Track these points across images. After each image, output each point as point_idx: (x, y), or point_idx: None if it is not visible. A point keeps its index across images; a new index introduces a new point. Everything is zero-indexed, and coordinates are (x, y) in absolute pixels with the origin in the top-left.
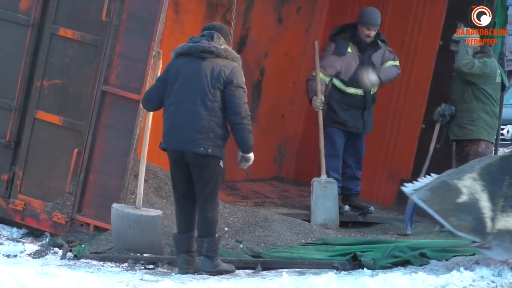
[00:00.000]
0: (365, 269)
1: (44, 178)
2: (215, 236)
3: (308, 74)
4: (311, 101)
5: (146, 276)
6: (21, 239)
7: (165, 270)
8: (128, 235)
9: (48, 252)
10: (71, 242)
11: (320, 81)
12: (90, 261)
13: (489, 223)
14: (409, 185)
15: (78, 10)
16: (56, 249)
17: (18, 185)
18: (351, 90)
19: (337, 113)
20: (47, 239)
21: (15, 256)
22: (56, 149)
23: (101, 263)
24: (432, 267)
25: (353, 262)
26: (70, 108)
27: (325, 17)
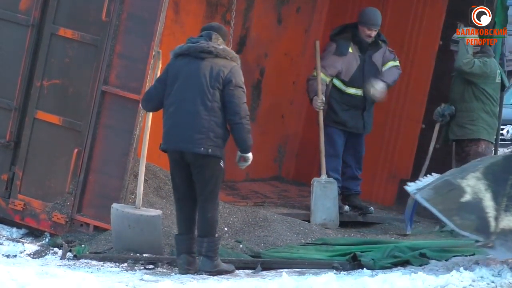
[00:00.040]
0: (364, 269)
1: (44, 178)
2: (215, 236)
3: (309, 74)
4: (311, 101)
5: (146, 276)
6: (20, 239)
7: (164, 270)
8: (128, 235)
9: (48, 252)
10: (70, 242)
11: (321, 81)
12: (89, 261)
13: (493, 223)
14: (412, 184)
15: (78, 10)
16: (56, 249)
17: (18, 185)
18: (351, 91)
19: (337, 113)
20: (46, 239)
21: (15, 256)
22: (56, 149)
23: (101, 263)
24: (432, 267)
25: (353, 262)
26: (70, 108)
27: (325, 17)
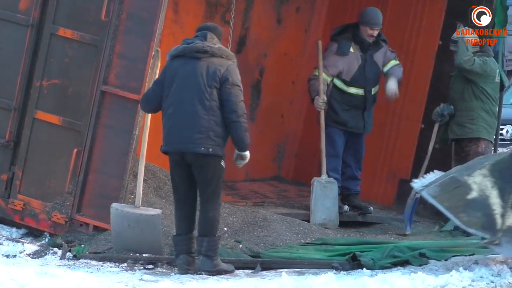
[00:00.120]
0: (364, 269)
1: (43, 178)
2: (215, 235)
3: (309, 74)
4: (313, 101)
5: (146, 276)
6: (20, 239)
7: (164, 270)
8: (128, 234)
9: (48, 252)
10: (70, 242)
11: (323, 80)
12: (89, 261)
13: (499, 220)
14: (417, 181)
15: (77, 10)
16: (56, 249)
17: (18, 185)
18: (352, 90)
19: (338, 113)
20: (46, 239)
21: (15, 256)
22: (55, 149)
23: (101, 263)
24: (431, 267)
25: (353, 262)
26: (69, 108)
27: (324, 17)
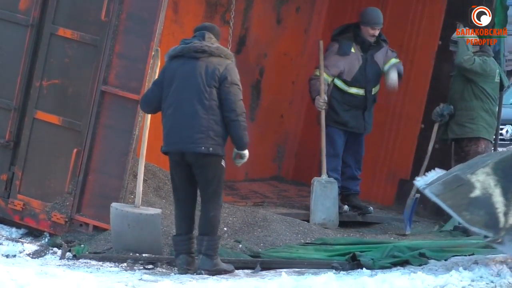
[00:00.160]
0: (364, 269)
1: (43, 178)
2: (215, 235)
3: (309, 74)
4: (314, 101)
5: (145, 276)
6: (20, 239)
7: (164, 270)
8: (127, 234)
9: (47, 252)
10: (70, 242)
11: (324, 80)
12: (89, 261)
13: (502, 218)
14: (420, 179)
15: (77, 10)
16: (55, 249)
17: (17, 185)
18: (353, 90)
19: (339, 113)
20: (46, 239)
21: (14, 256)
22: (55, 149)
23: (100, 263)
24: (431, 267)
25: (352, 262)
26: (69, 108)
27: (324, 17)
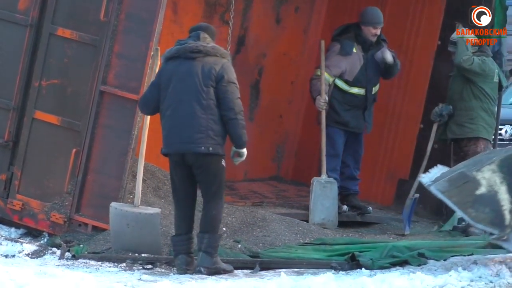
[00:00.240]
0: (363, 269)
1: (42, 178)
2: (216, 233)
3: (309, 74)
4: (314, 101)
5: (144, 276)
6: (19, 239)
7: (163, 270)
8: (127, 234)
9: (46, 252)
10: (69, 242)
11: (325, 81)
12: (88, 261)
13: (508, 216)
14: (425, 176)
15: (76, 10)
16: (54, 249)
17: (16, 185)
18: (354, 90)
19: (339, 113)
20: (45, 239)
21: (13, 256)
22: (54, 149)
23: (99, 263)
24: (430, 267)
25: (351, 262)
26: (68, 108)
27: (323, 17)
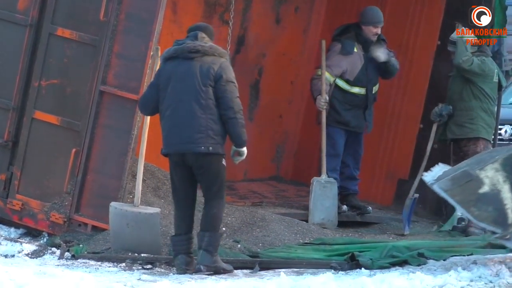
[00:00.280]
0: (363, 269)
1: (42, 178)
2: (217, 232)
3: (309, 74)
4: (315, 100)
5: (144, 276)
6: (19, 239)
7: (162, 270)
8: (126, 234)
9: (46, 252)
10: (69, 242)
11: (326, 80)
12: (88, 261)
13: (511, 214)
14: (428, 174)
15: (76, 10)
16: (54, 249)
17: (16, 185)
18: (355, 90)
19: (340, 113)
20: (45, 239)
21: (13, 256)
22: (54, 149)
23: (99, 263)
24: (430, 267)
25: (351, 262)
26: (68, 108)
27: (323, 17)
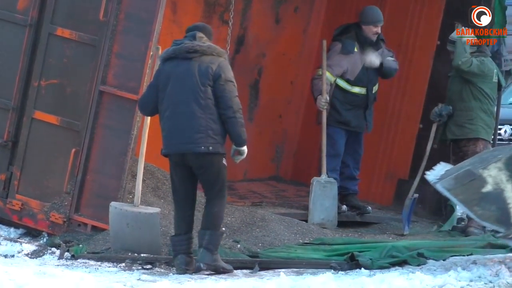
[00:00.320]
0: (362, 269)
1: (41, 178)
2: (218, 230)
3: (308, 74)
4: (316, 100)
5: (144, 276)
6: (18, 239)
7: (162, 270)
8: (126, 234)
9: (46, 252)
10: (68, 242)
11: (326, 80)
12: (87, 261)
13: None
14: (430, 173)
15: (75, 10)
16: (54, 249)
17: (16, 185)
18: (355, 90)
19: (341, 113)
20: (44, 239)
21: (13, 256)
22: (53, 149)
23: (99, 263)
24: (430, 267)
25: (351, 262)
26: (67, 108)
27: (322, 16)
